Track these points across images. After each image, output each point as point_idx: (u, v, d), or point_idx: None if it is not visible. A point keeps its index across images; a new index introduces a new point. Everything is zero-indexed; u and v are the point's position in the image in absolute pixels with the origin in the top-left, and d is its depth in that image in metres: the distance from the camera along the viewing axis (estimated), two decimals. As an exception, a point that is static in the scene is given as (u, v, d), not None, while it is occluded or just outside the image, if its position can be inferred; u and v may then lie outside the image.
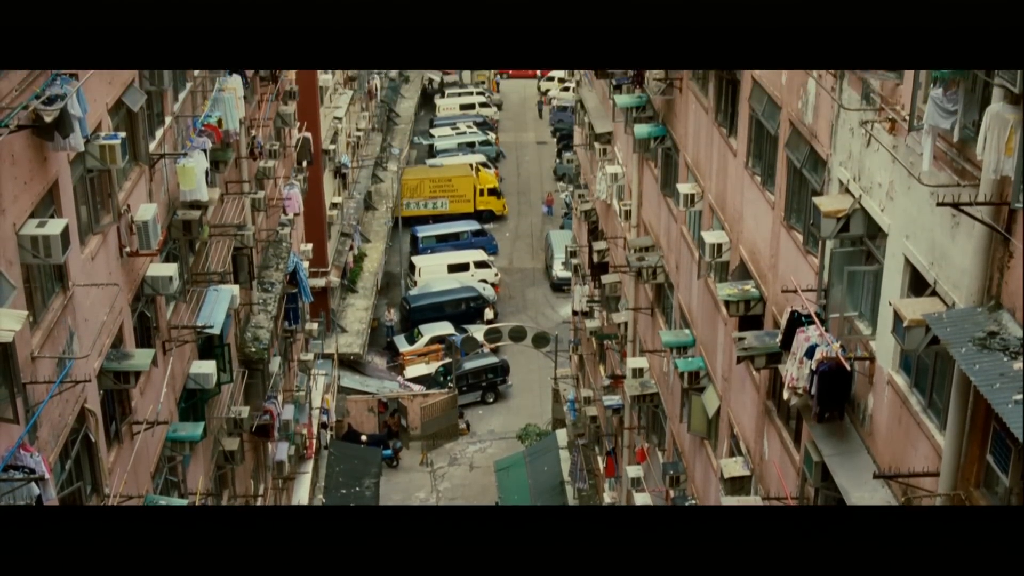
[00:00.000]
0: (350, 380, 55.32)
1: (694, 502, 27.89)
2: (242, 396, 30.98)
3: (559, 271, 64.36)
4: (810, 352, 16.93)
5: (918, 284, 14.72)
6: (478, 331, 58.66)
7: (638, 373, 32.29)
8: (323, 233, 54.18)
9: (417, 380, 56.65)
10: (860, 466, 16.46)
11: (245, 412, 29.41)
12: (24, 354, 15.52)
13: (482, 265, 66.14)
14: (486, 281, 64.93)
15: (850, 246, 16.97)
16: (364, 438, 51.65)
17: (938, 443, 13.99)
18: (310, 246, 46.01)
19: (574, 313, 48.51)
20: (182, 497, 24.22)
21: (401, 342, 59.52)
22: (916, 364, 15.06)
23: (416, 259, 66.94)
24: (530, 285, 67.67)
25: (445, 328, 59.39)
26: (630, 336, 34.66)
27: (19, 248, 15.74)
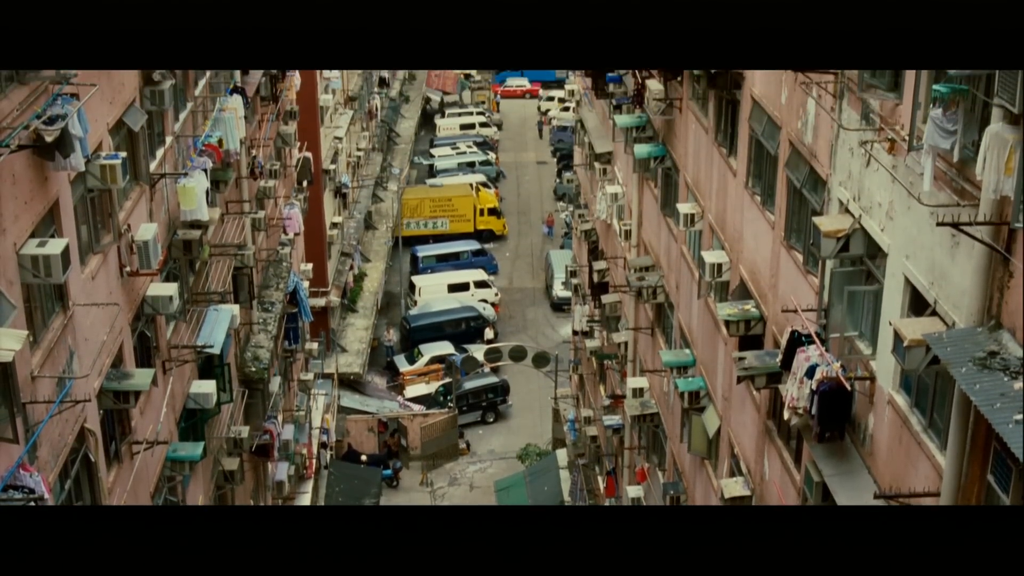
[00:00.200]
0: (350, 400, 55.26)
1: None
2: (242, 416, 30.95)
3: (559, 291, 64.33)
4: (810, 372, 16.92)
5: (918, 304, 14.71)
6: (478, 351, 58.62)
7: (638, 393, 32.26)
8: (323, 253, 54.20)
9: (417, 400, 56.59)
10: (861, 486, 16.43)
11: (245, 432, 29.38)
12: (24, 373, 15.51)
13: (482, 285, 66.13)
14: (486, 301, 64.91)
15: (850, 266, 16.98)
16: (364, 458, 51.57)
17: (939, 463, 13.97)
18: (310, 266, 46.04)
19: (574, 333, 48.48)
20: (182, 517, 24.15)
21: (401, 362, 59.48)
22: (916, 384, 15.04)
23: (416, 279, 66.93)
24: (530, 305, 67.65)
25: (445, 348, 59.35)
26: (630, 356, 34.63)
27: (19, 268, 15.75)
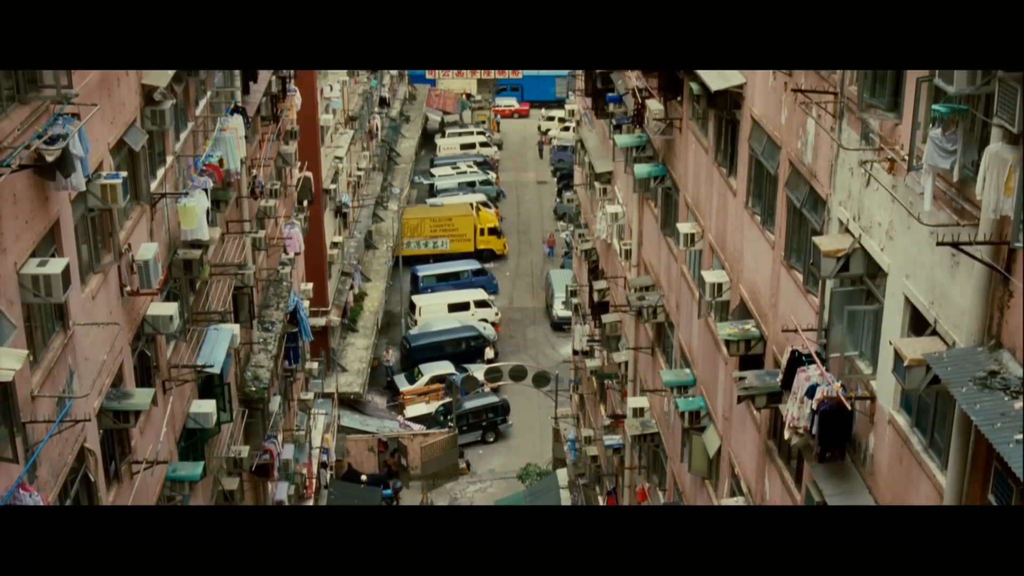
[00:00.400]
0: (350, 419, 55.20)
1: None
2: (242, 435, 30.91)
3: (559, 310, 64.31)
4: (811, 392, 16.91)
5: (918, 323, 14.71)
6: (478, 370, 58.58)
7: (639, 412, 32.22)
8: (323, 272, 54.22)
9: (417, 419, 56.52)
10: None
11: (245, 451, 29.33)
12: (24, 393, 15.50)
13: (482, 304, 66.12)
14: (486, 320, 64.90)
15: (850, 285, 16.98)
16: (364, 478, 51.48)
17: (939, 483, 13.95)
18: (310, 285, 46.02)
19: (574, 352, 48.47)
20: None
21: (401, 381, 59.44)
22: (917, 404, 15.03)
23: (416, 298, 66.93)
24: (530, 324, 67.63)
25: (445, 367, 59.30)
26: (631, 375, 34.61)
27: (20, 287, 15.75)
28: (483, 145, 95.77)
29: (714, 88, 22.74)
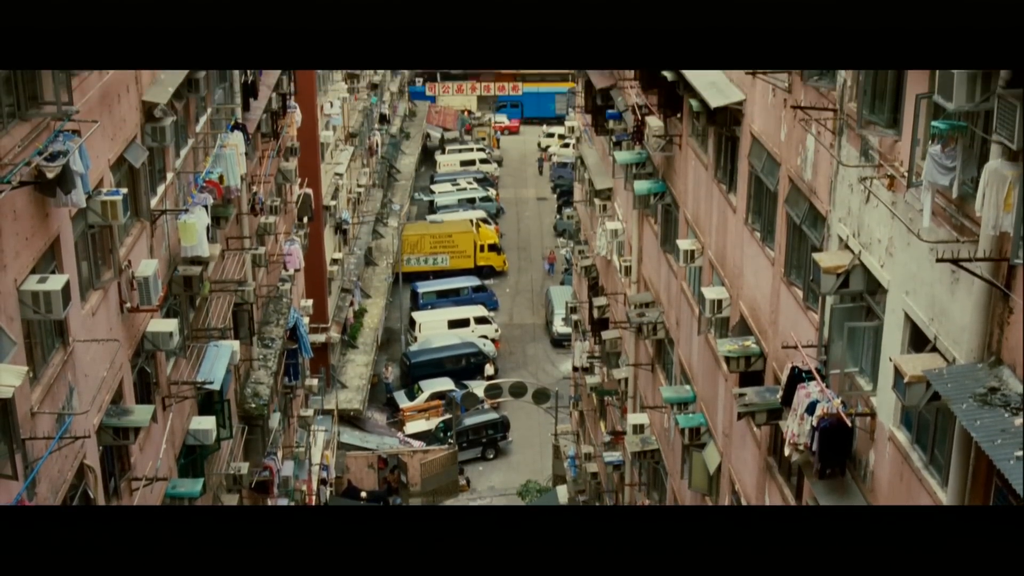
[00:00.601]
0: (350, 436, 55.14)
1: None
2: (242, 452, 30.88)
3: (559, 327, 64.29)
4: (811, 408, 16.90)
5: (918, 340, 14.71)
6: (478, 387, 58.53)
7: (639, 429, 32.19)
8: (323, 289, 54.22)
9: (417, 436, 56.45)
10: (862, 523, 16.36)
11: (245, 468, 29.30)
12: (24, 410, 15.49)
13: (482, 321, 66.11)
14: (486, 337, 64.88)
15: (850, 302, 16.98)
16: (364, 494, 51.39)
17: (940, 499, 13.94)
18: (310, 302, 46.02)
19: (574, 369, 48.43)
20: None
21: (401, 398, 59.39)
22: (917, 420, 15.02)
23: (416, 315, 66.91)
24: (530, 341, 67.60)
25: (445, 384, 59.26)
26: (631, 392, 34.59)
27: (20, 304, 15.75)
28: (483, 162, 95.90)
29: (713, 105, 22.76)
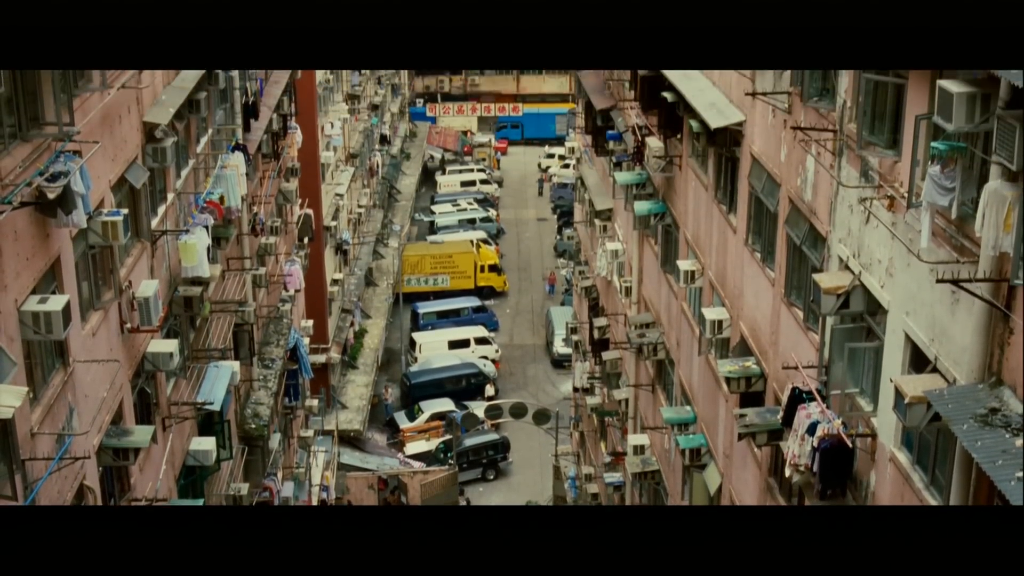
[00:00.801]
0: (350, 457, 55.02)
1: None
2: (242, 473, 30.83)
3: (560, 347, 64.23)
4: (811, 429, 16.88)
5: (919, 361, 14.70)
6: (479, 408, 58.43)
7: (639, 450, 32.15)
8: (324, 309, 54.18)
9: (417, 457, 56.35)
10: (863, 544, 16.32)
11: (244, 489, 29.25)
12: (24, 430, 15.48)
13: (483, 341, 66.04)
14: (487, 357, 64.80)
15: (850, 323, 16.98)
16: (364, 515, 51.24)
17: (941, 521, 13.90)
18: (311, 322, 45.98)
19: (575, 390, 48.39)
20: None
21: (401, 419, 59.30)
22: (918, 441, 15.00)
23: (417, 335, 66.86)
24: (531, 361, 67.54)
25: (446, 404, 59.18)
26: (631, 413, 34.55)
27: (20, 324, 15.75)
28: (483, 182, 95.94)
29: (713, 126, 22.81)
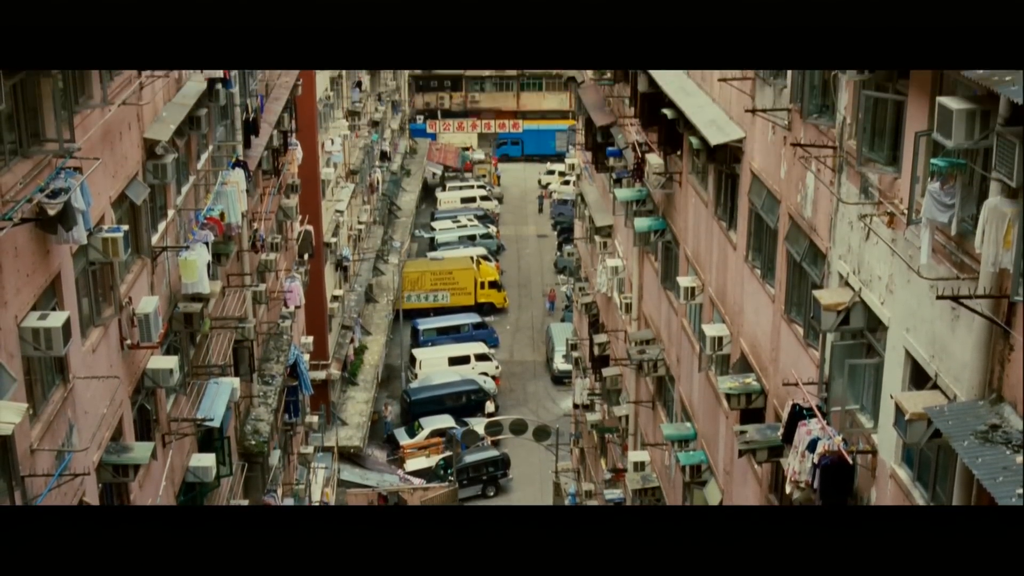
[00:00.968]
0: (350, 473, 54.97)
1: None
2: (241, 489, 30.79)
3: (560, 364, 64.19)
4: (812, 445, 16.86)
5: (919, 377, 14.69)
6: (479, 424, 58.36)
7: (639, 467, 32.11)
8: (324, 326, 54.16)
9: (417, 473, 56.26)
10: (864, 561, 16.29)
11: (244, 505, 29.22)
12: (23, 447, 15.46)
13: (483, 358, 66.00)
14: (487, 374, 64.76)
15: (851, 339, 16.97)
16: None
17: (942, 537, 13.88)
18: (311, 339, 45.97)
19: (575, 406, 48.36)
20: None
21: (401, 435, 59.22)
22: (918, 457, 14.99)
23: (417, 352, 66.82)
24: (531, 378, 67.50)
25: (446, 421, 59.10)
26: (631, 429, 34.52)
27: (20, 340, 15.75)
28: (483, 199, 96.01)
29: (713, 142, 22.84)
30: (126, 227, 19.44)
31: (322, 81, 53.87)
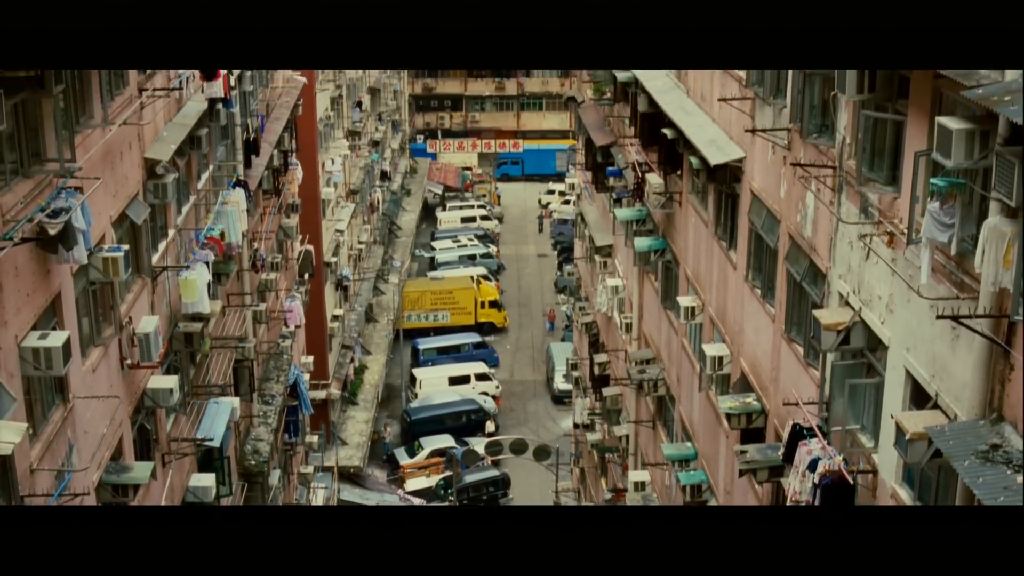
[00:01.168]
0: (350, 493, 54.88)
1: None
2: (241, 509, 30.74)
3: (560, 384, 64.19)
4: (812, 465, 16.84)
5: (919, 397, 14.68)
6: (479, 444, 58.29)
7: (640, 486, 32.06)
8: (324, 345, 54.15)
9: (417, 493, 56.19)
10: (865, 581, 16.25)
11: (244, 525, 29.13)
12: (23, 466, 15.45)
13: (483, 377, 65.97)
14: (487, 393, 64.70)
15: (851, 359, 16.96)
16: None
17: (943, 558, 13.84)
18: (311, 358, 45.97)
19: (575, 426, 48.29)
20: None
21: (402, 455, 59.16)
22: (919, 477, 14.97)
23: (417, 371, 66.78)
24: (531, 398, 67.45)
25: (446, 441, 59.06)
26: (631, 449, 34.47)
27: (20, 360, 15.74)
28: (484, 218, 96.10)
29: (713, 162, 22.87)
30: (126, 247, 19.47)
31: (322, 101, 53.99)
